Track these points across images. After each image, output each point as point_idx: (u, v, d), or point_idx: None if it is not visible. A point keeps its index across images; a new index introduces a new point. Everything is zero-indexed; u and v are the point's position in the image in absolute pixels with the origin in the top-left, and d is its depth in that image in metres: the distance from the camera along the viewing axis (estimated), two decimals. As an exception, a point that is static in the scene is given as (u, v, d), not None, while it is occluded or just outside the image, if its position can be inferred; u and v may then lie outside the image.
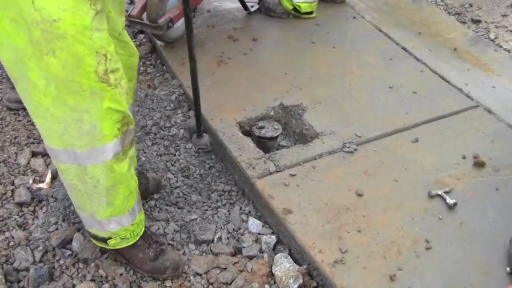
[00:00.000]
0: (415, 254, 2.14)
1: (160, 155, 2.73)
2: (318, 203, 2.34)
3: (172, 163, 2.70)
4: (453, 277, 2.06)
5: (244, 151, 2.59)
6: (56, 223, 2.36)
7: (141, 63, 3.32)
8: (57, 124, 1.67)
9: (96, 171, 1.79)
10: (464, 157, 2.60)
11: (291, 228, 2.24)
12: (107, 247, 2.07)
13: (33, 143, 2.77)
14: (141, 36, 3.49)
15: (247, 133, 2.77)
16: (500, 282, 2.05)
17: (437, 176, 2.49)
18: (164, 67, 3.27)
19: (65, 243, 2.26)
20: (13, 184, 2.54)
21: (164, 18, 3.01)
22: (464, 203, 2.36)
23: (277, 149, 2.73)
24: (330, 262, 2.09)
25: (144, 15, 3.11)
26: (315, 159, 2.56)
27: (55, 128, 1.69)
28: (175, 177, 2.62)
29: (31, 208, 2.44)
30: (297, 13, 3.65)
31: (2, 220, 2.37)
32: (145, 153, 2.72)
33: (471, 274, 2.08)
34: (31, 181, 2.52)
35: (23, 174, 2.60)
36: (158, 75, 3.22)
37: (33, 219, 2.40)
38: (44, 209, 2.43)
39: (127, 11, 3.04)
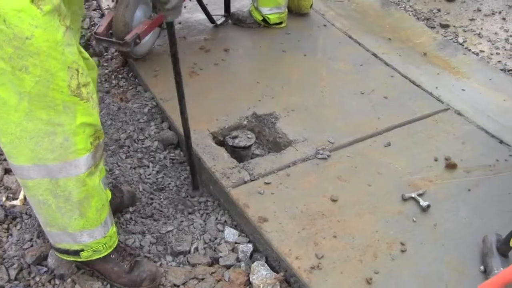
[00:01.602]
0: (390, 257, 2.16)
1: (134, 168, 2.71)
2: (293, 210, 2.34)
3: (147, 175, 2.69)
4: (429, 278, 2.08)
5: (218, 161, 2.59)
6: (30, 240, 2.33)
7: (113, 76, 3.30)
8: (29, 139, 1.66)
9: (69, 184, 1.78)
10: (436, 160, 2.63)
11: (267, 236, 2.24)
12: (79, 259, 2.04)
13: (5, 160, 2.73)
14: (113, 50, 3.48)
15: (221, 143, 2.77)
16: (474, 281, 2.07)
17: (410, 179, 2.52)
18: (137, 80, 3.26)
19: (41, 259, 2.23)
20: (-15, 202, 2.51)
21: (131, 34, 2.99)
22: (437, 204, 2.38)
23: (251, 158, 2.73)
24: (306, 268, 2.10)
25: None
26: (289, 166, 2.57)
27: (26, 144, 1.67)
28: (150, 189, 2.61)
29: (5, 226, 2.40)
30: (266, 24, 3.68)
31: (-25, 239, 2.33)
32: (119, 166, 2.71)
33: (446, 274, 2.10)
34: (4, 199, 2.49)
35: (-4, 192, 2.57)
36: (130, 88, 3.20)
37: (7, 236, 2.35)
38: (18, 226, 2.40)
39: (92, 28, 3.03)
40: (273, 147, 2.83)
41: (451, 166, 2.59)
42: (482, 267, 2.11)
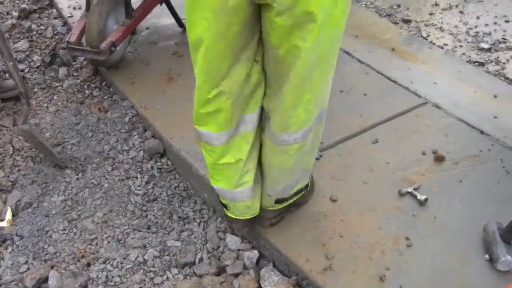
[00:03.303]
0: (398, 252, 2.19)
1: (123, 180, 2.64)
2: (295, 213, 2.34)
3: (137, 187, 2.61)
4: (438, 270, 2.13)
5: (211, 167, 2.54)
6: (26, 262, 2.23)
7: (85, 86, 3.18)
8: None
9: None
10: (424, 153, 2.69)
11: (273, 241, 2.23)
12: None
13: (-16, 180, 2.60)
14: (81, 58, 3.36)
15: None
16: (481, 269, 2.13)
17: (403, 174, 2.57)
18: (111, 89, 3.16)
19: (41, 282, 2.15)
20: (-32, 226, 2.37)
21: (106, 42, 2.90)
22: (433, 197, 2.43)
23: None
24: (319, 270, 2.10)
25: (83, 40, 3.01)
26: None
27: None
28: (142, 200, 2.54)
29: (-6, 250, 2.29)
30: None
31: (-36, 267, 2.20)
32: (106, 179, 2.62)
33: (453, 265, 2.15)
34: (-11, 221, 2.37)
35: (-22, 215, 2.43)
36: (106, 97, 3.10)
37: (-1, 261, 2.24)
38: (9, 249, 2.30)
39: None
40: (262, 150, 2.81)
41: (439, 158, 2.65)
42: (487, 256, 2.17)
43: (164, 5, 3.37)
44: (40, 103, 3.06)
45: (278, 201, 2.18)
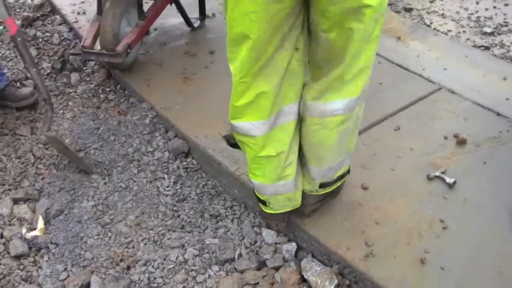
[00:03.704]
0: (435, 235, 2.23)
1: (151, 181, 2.64)
2: (330, 203, 2.35)
3: (165, 187, 2.61)
4: (476, 250, 2.16)
5: (240, 164, 2.55)
6: (65, 269, 2.22)
7: (100, 90, 3.17)
8: None
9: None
10: (445, 138, 2.73)
11: (312, 232, 2.25)
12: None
13: (9, 189, 2.57)
14: (92, 63, 3.34)
15: (234, 145, 2.73)
16: (514, 246, 2.19)
17: (429, 159, 2.60)
18: (126, 92, 3.16)
19: (84, 289, 2.13)
20: (2, 236, 2.35)
21: (121, 45, 2.90)
22: (460, 180, 2.47)
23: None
24: (361, 258, 2.13)
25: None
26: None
27: None
28: (172, 201, 2.55)
29: (31, 259, 2.28)
30: None
31: (4, 277, 2.18)
32: (134, 182, 2.62)
33: (490, 244, 2.19)
34: (24, 231, 2.35)
35: (10, 224, 2.42)
36: (122, 100, 3.09)
37: (36, 270, 2.23)
38: (46, 258, 2.28)
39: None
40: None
41: (461, 142, 2.69)
42: (521, 233, 2.23)
43: (171, 5, 3.36)
44: (56, 110, 3.04)
45: (322, 186, 2.19)
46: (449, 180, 2.45)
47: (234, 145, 2.58)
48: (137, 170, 2.69)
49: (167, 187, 2.62)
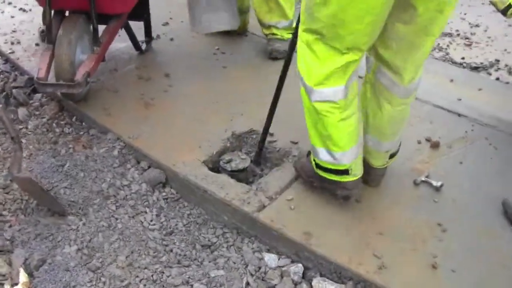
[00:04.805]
0: (437, 238, 2.27)
1: (133, 217, 2.47)
2: (329, 219, 2.34)
3: (149, 221, 2.46)
4: (477, 248, 2.24)
5: (228, 188, 2.47)
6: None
7: (54, 124, 2.94)
8: None
9: None
10: (419, 142, 2.81)
11: (320, 251, 2.20)
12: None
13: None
14: (39, 95, 3.09)
15: (214, 170, 2.64)
16: (511, 239, 2.29)
17: (409, 164, 2.66)
18: (84, 123, 2.94)
19: None
20: (-19, 298, 2.10)
21: (80, 74, 2.71)
22: (444, 182, 2.54)
23: (251, 177, 2.65)
24: (375, 271, 2.12)
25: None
26: (298, 178, 2.55)
27: None
28: (160, 235, 2.40)
29: (20, 319, 2.05)
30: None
31: None
32: (116, 219, 2.44)
33: (488, 241, 2.27)
34: (9, 287, 2.11)
35: (-15, 283, 2.16)
36: (81, 133, 2.88)
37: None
38: (35, 315, 2.06)
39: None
40: (265, 162, 2.76)
41: (435, 145, 2.78)
42: (512, 228, 2.33)
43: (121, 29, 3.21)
44: (8, 150, 2.78)
45: (391, 156, 2.47)
46: (436, 183, 2.51)
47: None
48: (115, 207, 2.51)
49: (151, 221, 2.47)
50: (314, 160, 2.35)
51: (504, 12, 2.74)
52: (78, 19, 2.81)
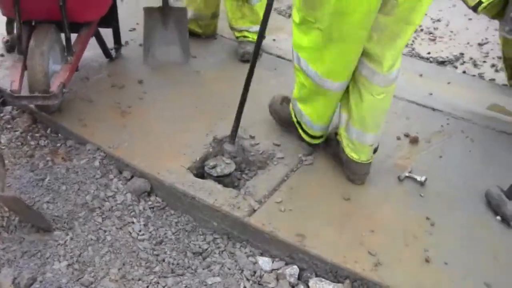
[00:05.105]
0: (427, 233, 2.32)
1: (121, 228, 2.42)
2: (320, 218, 2.35)
3: (138, 232, 2.42)
4: (467, 239, 2.30)
5: (216, 194, 2.45)
6: None
7: (28, 137, 2.85)
8: None
9: None
10: (398, 138, 2.86)
11: (315, 252, 2.21)
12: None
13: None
14: (8, 108, 2.98)
15: (198, 176, 2.61)
16: (499, 229, 2.36)
17: (391, 161, 2.71)
18: (60, 135, 2.86)
19: None
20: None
21: (55, 85, 2.64)
22: (427, 176, 2.59)
23: (235, 183, 2.64)
24: (371, 268, 2.14)
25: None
26: (285, 180, 2.56)
27: None
28: (150, 245, 2.36)
29: None
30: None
31: None
32: (104, 231, 2.39)
33: (478, 232, 2.34)
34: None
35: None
36: (58, 145, 2.80)
37: None
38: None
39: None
40: (248, 166, 2.75)
41: (414, 140, 2.84)
42: (498, 217, 2.39)
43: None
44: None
45: (375, 151, 2.58)
46: (420, 178, 2.56)
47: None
48: (102, 219, 2.45)
49: (140, 231, 2.42)
50: (295, 117, 2.68)
51: (474, 8, 2.81)
52: (49, 29, 2.73)
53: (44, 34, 2.70)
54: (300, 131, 2.70)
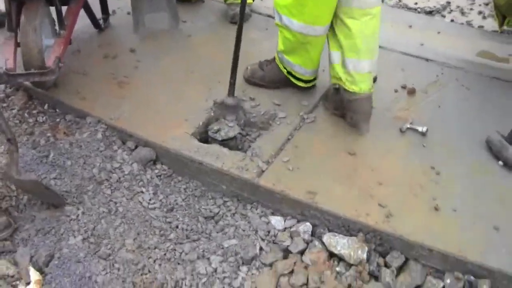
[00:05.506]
0: (433, 182, 2.37)
1: (131, 198, 2.44)
2: (328, 174, 2.39)
3: (148, 201, 2.43)
4: (472, 186, 2.36)
5: (223, 158, 2.47)
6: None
7: (26, 114, 2.81)
8: None
9: None
10: (396, 91, 2.89)
11: (326, 208, 2.26)
12: None
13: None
14: (1, 86, 2.93)
15: (202, 141, 2.62)
16: (501, 174, 2.43)
17: (391, 113, 2.74)
18: (58, 110, 2.83)
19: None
20: (-5, 303, 2.04)
21: (51, 60, 2.59)
22: (428, 127, 2.63)
23: (239, 145, 2.65)
24: (383, 220, 2.20)
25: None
26: (289, 139, 2.58)
27: None
28: (162, 213, 2.39)
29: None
30: None
31: None
32: (115, 203, 2.40)
33: (481, 177, 2.40)
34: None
35: (-5, 286, 2.09)
36: (58, 120, 2.77)
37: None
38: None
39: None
40: (250, 128, 2.75)
41: (411, 92, 2.87)
42: (500, 162, 2.45)
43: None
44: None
45: (374, 80, 2.62)
46: (421, 129, 2.60)
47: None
48: (111, 190, 2.46)
49: (150, 200, 2.44)
50: (285, 68, 2.79)
51: None
52: (39, 3, 2.66)
53: (35, 9, 2.62)
54: (294, 80, 2.81)
